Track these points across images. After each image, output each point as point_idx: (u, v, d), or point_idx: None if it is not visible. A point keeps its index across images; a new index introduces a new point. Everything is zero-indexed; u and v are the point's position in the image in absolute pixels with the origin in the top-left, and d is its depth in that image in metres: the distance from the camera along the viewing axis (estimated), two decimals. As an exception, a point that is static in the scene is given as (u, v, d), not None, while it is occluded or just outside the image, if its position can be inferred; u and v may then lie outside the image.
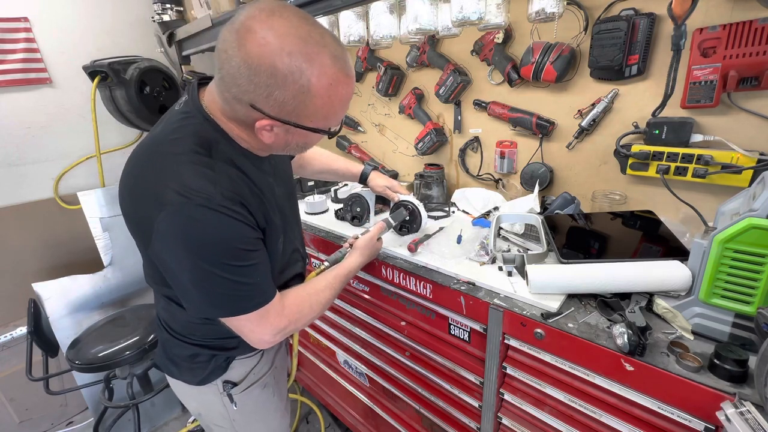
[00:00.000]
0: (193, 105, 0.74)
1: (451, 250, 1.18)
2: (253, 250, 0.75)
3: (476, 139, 1.61)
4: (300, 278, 1.04)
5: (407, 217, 1.23)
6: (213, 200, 0.67)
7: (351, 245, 1.12)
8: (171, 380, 1.00)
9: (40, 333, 1.67)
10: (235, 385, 0.97)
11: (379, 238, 1.17)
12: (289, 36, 0.61)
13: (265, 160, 0.84)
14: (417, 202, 1.22)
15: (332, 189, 1.75)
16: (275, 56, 0.60)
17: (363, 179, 1.33)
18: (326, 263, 1.08)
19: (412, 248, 1.16)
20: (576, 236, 1.14)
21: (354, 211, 1.42)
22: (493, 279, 1.01)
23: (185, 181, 0.67)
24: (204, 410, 1.03)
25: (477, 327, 1.02)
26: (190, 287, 0.72)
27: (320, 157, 1.32)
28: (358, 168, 1.33)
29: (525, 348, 0.92)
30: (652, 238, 1.05)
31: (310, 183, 1.91)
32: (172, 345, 0.94)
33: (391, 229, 1.22)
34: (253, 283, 0.75)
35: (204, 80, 0.79)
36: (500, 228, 1.25)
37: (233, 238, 0.71)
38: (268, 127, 0.68)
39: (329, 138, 0.78)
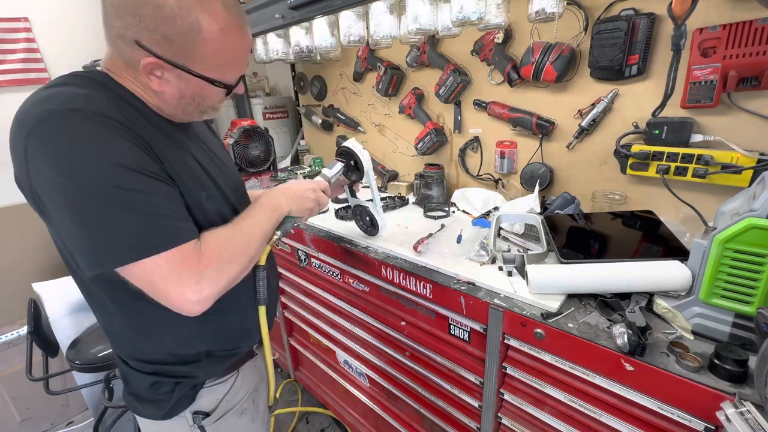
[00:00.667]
0: (81, 70, 0.66)
1: (451, 250, 1.18)
2: (148, 175, 0.61)
3: (476, 139, 1.61)
4: None
5: (343, 163, 1.13)
6: (87, 109, 0.58)
7: None
8: (138, 419, 0.88)
9: (40, 333, 1.67)
10: (207, 415, 0.85)
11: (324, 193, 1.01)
12: None
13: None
14: (352, 144, 1.13)
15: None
16: None
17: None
18: (278, 233, 0.91)
19: (416, 248, 1.16)
20: (576, 236, 1.14)
21: (365, 221, 1.33)
22: (493, 279, 1.01)
23: (51, 95, 0.59)
24: None
25: (477, 327, 1.02)
26: (75, 228, 0.57)
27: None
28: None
29: (525, 348, 0.92)
30: (652, 238, 1.05)
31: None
32: (131, 377, 0.83)
33: (348, 194, 1.24)
34: (155, 214, 0.60)
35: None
36: (500, 228, 1.25)
37: (114, 153, 0.58)
38: (158, 72, 0.63)
39: (227, 95, 0.72)
